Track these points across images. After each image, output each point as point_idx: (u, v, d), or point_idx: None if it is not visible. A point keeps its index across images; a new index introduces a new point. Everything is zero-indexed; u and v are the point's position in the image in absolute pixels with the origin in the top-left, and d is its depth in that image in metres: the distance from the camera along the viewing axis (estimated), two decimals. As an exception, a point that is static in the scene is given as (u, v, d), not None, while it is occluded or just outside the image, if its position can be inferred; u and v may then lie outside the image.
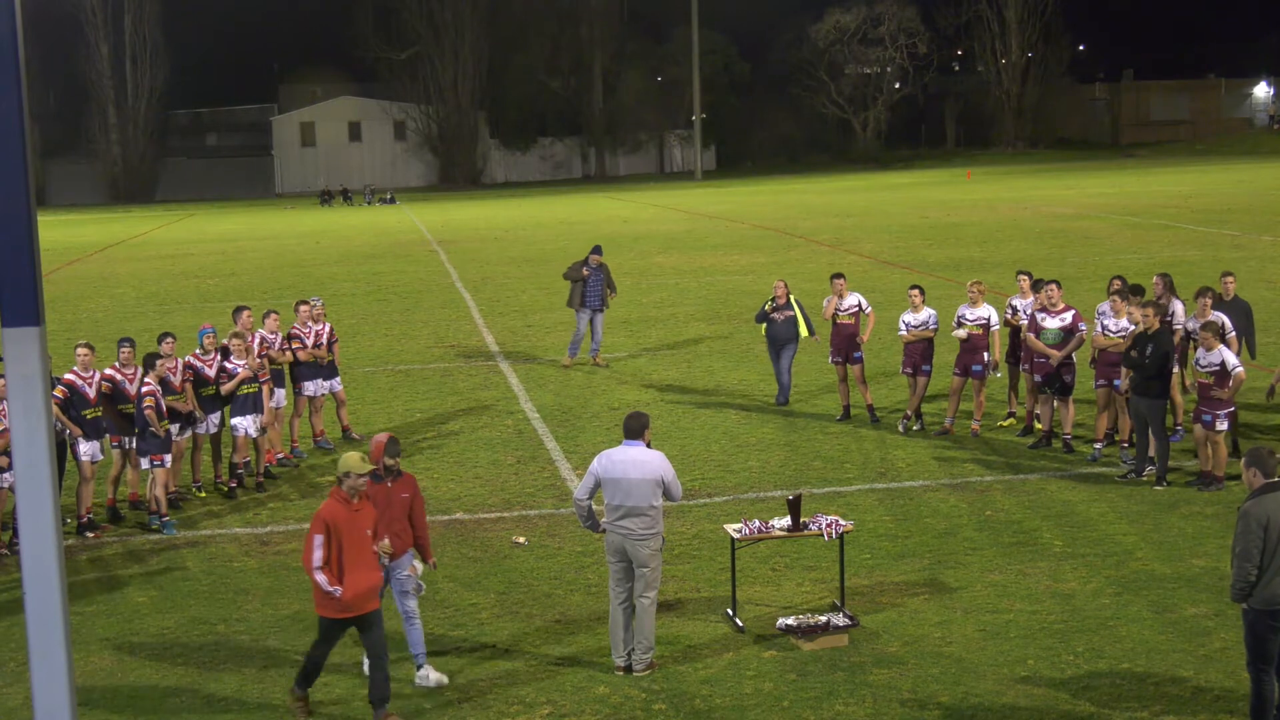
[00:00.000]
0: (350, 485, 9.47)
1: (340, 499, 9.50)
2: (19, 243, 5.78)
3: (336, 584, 9.34)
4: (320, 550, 9.34)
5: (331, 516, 9.41)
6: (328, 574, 9.34)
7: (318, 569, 9.34)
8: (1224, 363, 14.17)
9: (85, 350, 14.67)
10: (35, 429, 5.87)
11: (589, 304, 22.32)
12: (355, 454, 9.68)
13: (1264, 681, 8.74)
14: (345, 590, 9.35)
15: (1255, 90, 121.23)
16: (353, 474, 9.47)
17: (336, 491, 9.53)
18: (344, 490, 9.49)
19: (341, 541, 9.36)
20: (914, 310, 17.24)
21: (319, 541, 9.36)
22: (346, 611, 9.48)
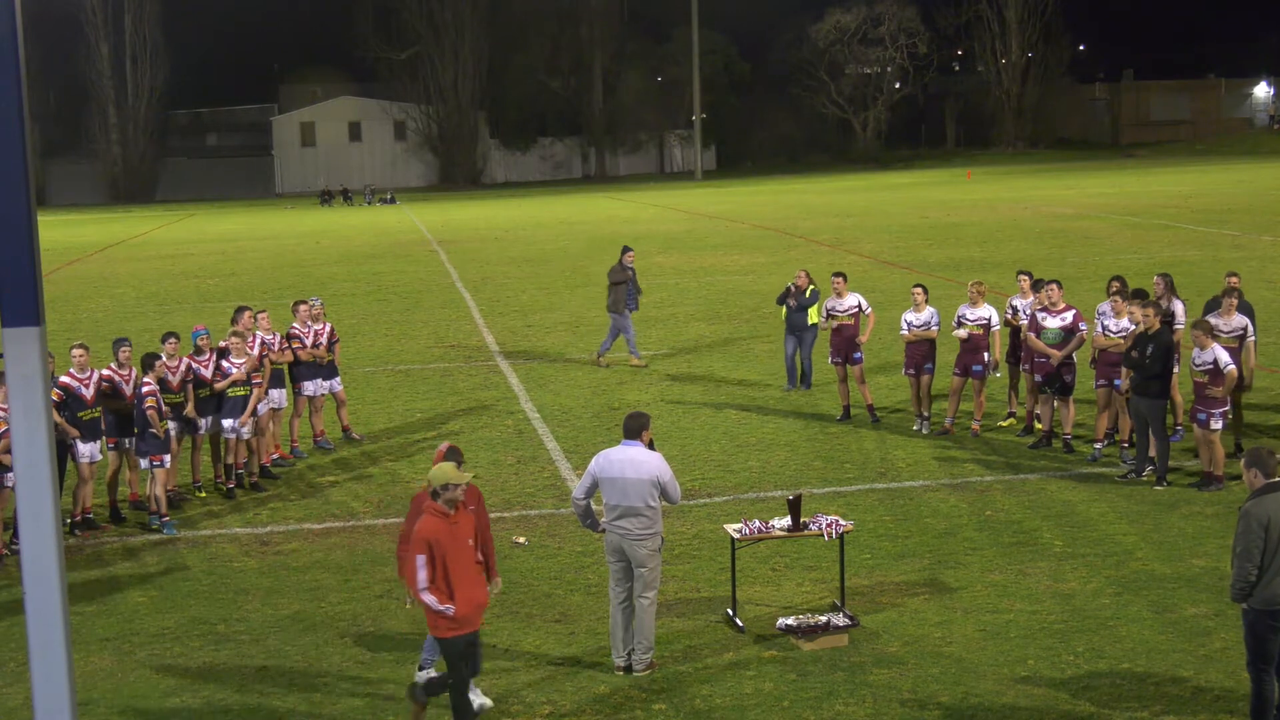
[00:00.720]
0: (449, 498, 9.11)
1: (438, 513, 9.11)
2: (19, 243, 5.78)
3: (448, 601, 8.99)
4: (425, 570, 8.97)
5: (432, 533, 9.02)
6: (437, 593, 8.99)
7: (424, 589, 8.98)
8: (1216, 361, 14.17)
9: (81, 351, 14.65)
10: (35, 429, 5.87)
11: (631, 305, 22.51)
12: (449, 465, 9.32)
13: (1264, 681, 8.74)
14: (457, 606, 9.00)
15: (1255, 90, 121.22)
16: (451, 485, 9.12)
17: (432, 506, 9.15)
18: (441, 504, 9.11)
19: (445, 557, 9.00)
20: (916, 310, 17.23)
21: (422, 561, 8.98)
22: (462, 627, 9.12)
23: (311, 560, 13.23)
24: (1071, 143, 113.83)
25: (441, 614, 9.03)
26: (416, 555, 9.02)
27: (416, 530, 9.13)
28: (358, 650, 10.92)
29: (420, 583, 9.00)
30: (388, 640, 11.11)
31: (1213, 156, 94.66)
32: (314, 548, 13.62)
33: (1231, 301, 15.54)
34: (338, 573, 12.81)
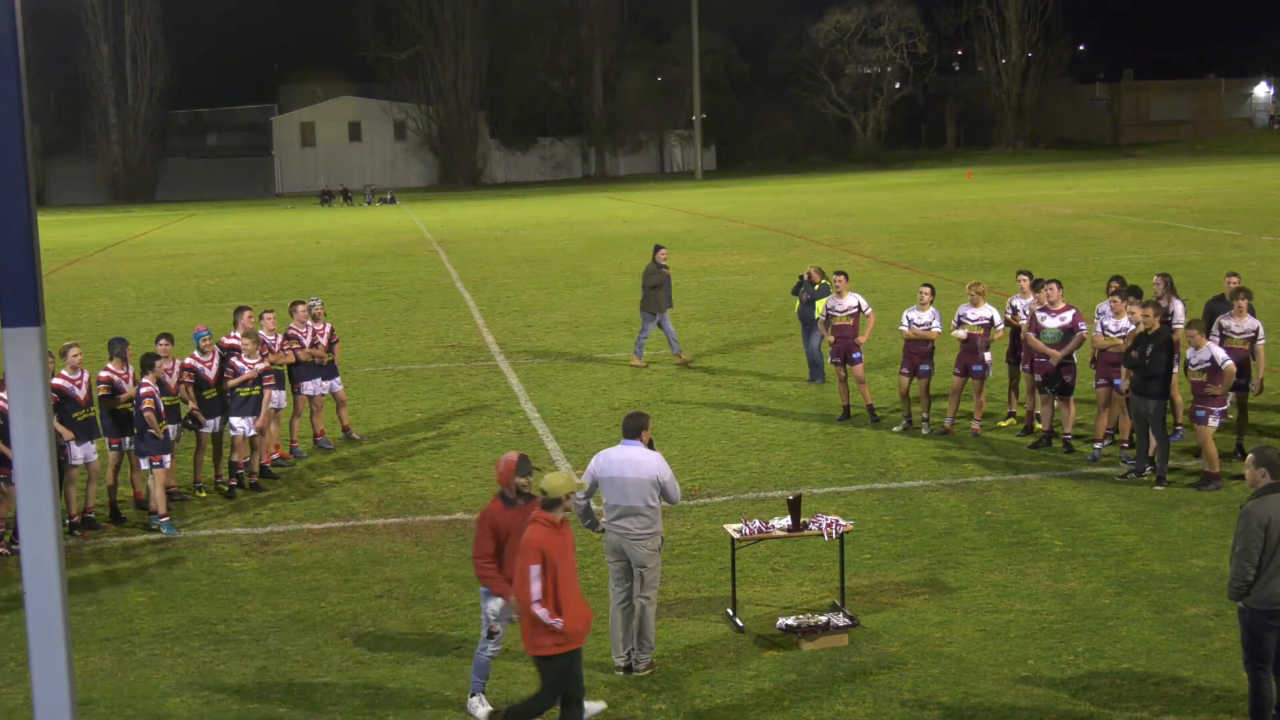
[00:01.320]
0: (565, 508, 8.84)
1: (548, 524, 8.80)
2: (19, 243, 5.78)
3: (557, 616, 8.68)
4: (539, 582, 8.62)
5: (544, 544, 8.69)
6: (547, 606, 8.68)
7: (537, 602, 8.64)
8: (1214, 358, 14.17)
9: (74, 350, 14.63)
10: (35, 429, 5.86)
11: (666, 305, 22.45)
12: (560, 474, 9.02)
13: (1262, 680, 8.74)
14: (566, 620, 8.71)
15: (1255, 90, 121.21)
16: (571, 494, 8.88)
17: (544, 516, 8.81)
18: (553, 515, 8.82)
19: (556, 570, 8.69)
20: (920, 308, 17.21)
21: (536, 572, 8.63)
22: (567, 645, 8.79)
23: (311, 560, 13.22)
24: (1071, 143, 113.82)
25: (550, 629, 8.68)
26: (529, 565, 8.65)
27: (529, 540, 8.72)
28: (358, 650, 10.92)
29: (535, 594, 8.63)
30: (388, 640, 11.11)
31: (1213, 156, 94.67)
32: (314, 548, 13.62)
33: (1243, 304, 15.48)
34: (338, 573, 12.81)
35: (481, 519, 9.53)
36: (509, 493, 9.46)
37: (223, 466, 16.09)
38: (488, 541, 9.41)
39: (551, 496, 8.81)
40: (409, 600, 12.00)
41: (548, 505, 8.85)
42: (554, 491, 8.81)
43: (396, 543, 13.66)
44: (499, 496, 9.50)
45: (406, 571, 12.76)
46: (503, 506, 9.43)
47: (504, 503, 9.44)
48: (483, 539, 9.43)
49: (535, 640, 8.78)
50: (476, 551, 9.49)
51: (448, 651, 10.81)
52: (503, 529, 9.35)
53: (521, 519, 9.17)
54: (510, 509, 9.39)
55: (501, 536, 9.36)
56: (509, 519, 9.35)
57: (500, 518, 9.38)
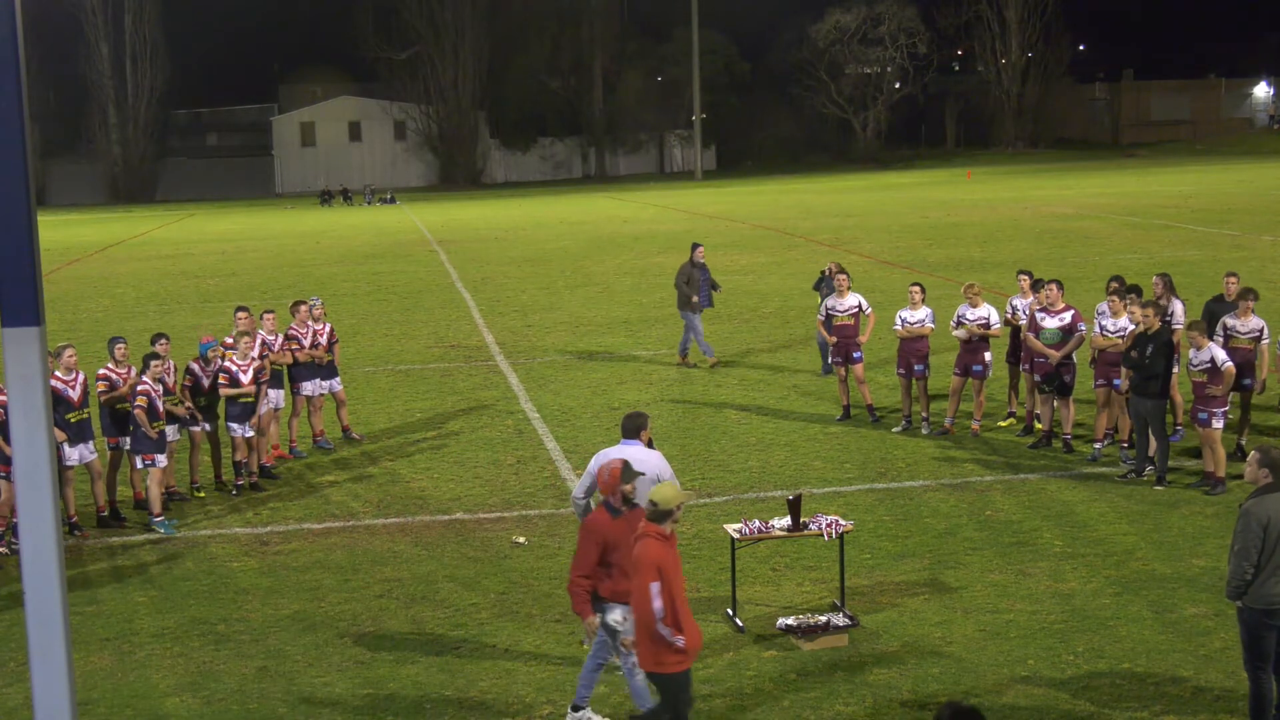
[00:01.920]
0: (673, 520, 8.52)
1: (660, 538, 8.43)
2: (19, 243, 5.78)
3: (679, 633, 8.36)
4: (661, 599, 8.28)
5: (661, 559, 8.34)
6: (669, 624, 8.35)
7: (660, 620, 8.30)
8: (1214, 359, 14.17)
9: (70, 351, 14.62)
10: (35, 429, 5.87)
11: (703, 303, 22.17)
12: (670, 485, 8.74)
13: (1261, 680, 8.75)
14: (687, 638, 8.40)
15: (1255, 90, 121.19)
16: (675, 507, 8.53)
17: (655, 530, 8.45)
18: (664, 528, 8.46)
19: (672, 586, 8.36)
20: (912, 307, 17.24)
21: (657, 590, 8.28)
22: (687, 662, 8.49)
23: (311, 560, 13.23)
24: (1071, 143, 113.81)
25: (673, 646, 8.35)
26: (649, 583, 8.30)
27: (645, 555, 8.36)
28: (358, 650, 10.92)
29: (658, 611, 8.29)
30: (388, 640, 11.11)
31: (1213, 156, 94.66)
32: (314, 548, 13.62)
33: (1249, 304, 15.46)
34: (338, 573, 12.81)
35: (587, 532, 9.09)
36: (615, 502, 9.10)
37: (222, 467, 16.10)
38: (592, 556, 8.97)
39: (662, 508, 8.48)
40: (409, 600, 12.00)
41: (657, 517, 8.50)
42: (664, 503, 8.49)
43: (396, 543, 13.66)
44: (604, 506, 9.13)
45: (406, 571, 12.76)
46: (610, 517, 9.07)
47: (610, 513, 9.09)
48: (587, 553, 9.00)
49: (658, 658, 8.45)
50: (578, 567, 9.05)
51: (448, 651, 10.81)
52: (610, 541, 8.98)
53: (628, 529, 8.86)
54: (617, 519, 9.04)
55: (609, 549, 8.99)
56: (617, 530, 8.98)
57: (609, 529, 9.00)
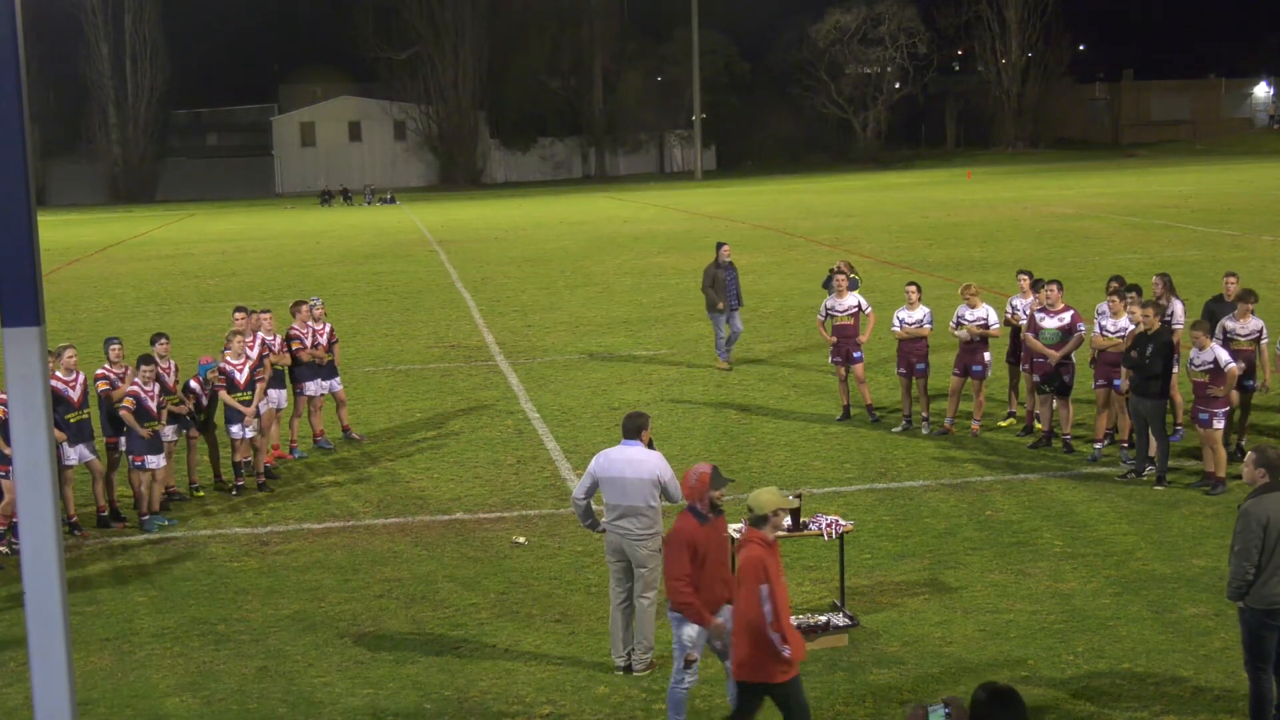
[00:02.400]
0: (774, 525, 8.34)
1: (764, 543, 8.27)
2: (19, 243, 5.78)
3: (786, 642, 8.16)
4: (770, 604, 8.06)
5: (767, 565, 8.16)
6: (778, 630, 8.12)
7: (770, 626, 8.10)
8: (1216, 360, 14.16)
9: (70, 352, 14.62)
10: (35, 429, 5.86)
11: (732, 304, 21.82)
12: (768, 490, 8.50)
13: (1262, 680, 8.74)
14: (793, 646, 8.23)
15: (1255, 90, 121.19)
16: (778, 512, 8.36)
17: (757, 536, 8.28)
18: (765, 533, 8.31)
19: (776, 593, 8.15)
20: (909, 307, 17.25)
21: (766, 594, 8.07)
22: (792, 670, 8.27)
23: (311, 560, 13.23)
24: (1071, 143, 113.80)
25: (780, 656, 8.15)
26: (758, 585, 8.13)
27: (750, 562, 8.19)
28: (358, 650, 10.92)
29: (768, 615, 8.09)
30: (388, 640, 11.11)
31: (1213, 156, 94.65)
32: (314, 548, 13.62)
33: (1248, 307, 15.43)
34: (337, 573, 12.81)
35: (676, 538, 8.83)
36: (702, 507, 8.86)
37: (221, 466, 16.11)
38: (685, 562, 8.75)
39: (759, 513, 8.33)
40: (409, 600, 12.00)
41: (756, 523, 8.32)
42: (761, 508, 8.33)
43: (396, 543, 13.66)
44: (690, 512, 8.88)
45: (406, 571, 12.76)
46: (697, 523, 8.82)
47: (697, 519, 8.84)
48: (679, 559, 8.77)
49: (763, 667, 8.22)
50: (673, 573, 8.81)
51: (448, 651, 10.81)
52: (700, 547, 8.77)
53: (717, 535, 8.72)
54: (704, 525, 8.82)
55: (699, 556, 8.75)
56: (705, 536, 8.78)
57: (697, 535, 8.77)
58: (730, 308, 21.83)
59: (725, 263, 22.02)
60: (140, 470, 14.40)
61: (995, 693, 6.08)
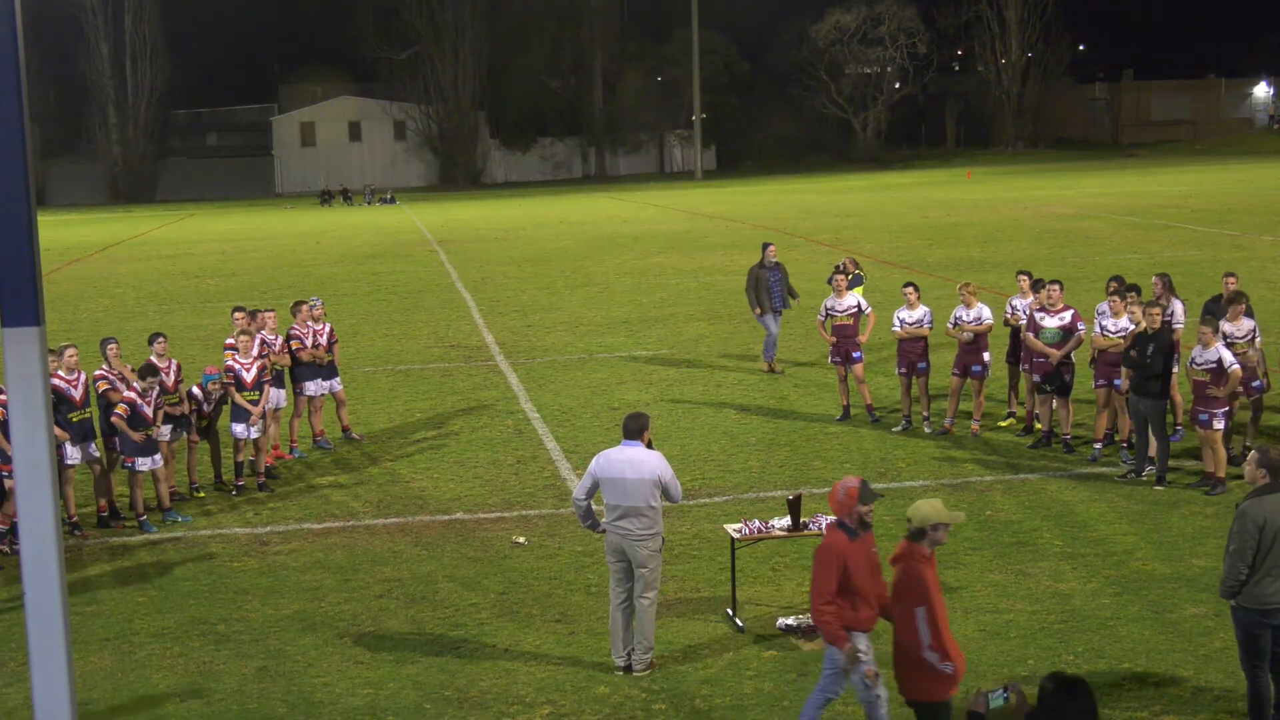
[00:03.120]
0: (933, 540, 7.94)
1: (924, 559, 7.91)
2: (19, 243, 5.78)
3: (948, 660, 7.81)
4: (927, 624, 7.75)
5: (927, 581, 7.81)
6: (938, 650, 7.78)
7: (929, 647, 7.77)
8: (1220, 360, 14.14)
9: (71, 351, 14.63)
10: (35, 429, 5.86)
11: (775, 305, 21.36)
12: (931, 501, 8.11)
13: (1259, 679, 8.75)
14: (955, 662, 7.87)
15: (1255, 90, 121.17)
16: (941, 525, 7.96)
17: (918, 551, 7.94)
18: (925, 548, 7.95)
19: (936, 609, 7.81)
20: (909, 307, 17.25)
21: (924, 615, 7.77)
22: (952, 688, 7.92)
23: (311, 560, 13.23)
24: (1071, 143, 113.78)
25: (942, 674, 7.81)
26: (917, 607, 7.82)
27: (910, 578, 7.89)
28: (358, 650, 10.92)
29: (924, 639, 7.79)
30: (388, 640, 11.11)
31: (1213, 156, 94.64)
32: (313, 548, 13.62)
33: (1240, 307, 15.43)
34: (337, 573, 12.81)
35: (826, 557, 8.35)
36: (851, 522, 8.39)
37: (224, 466, 16.12)
38: (833, 581, 8.31)
39: (920, 525, 7.93)
40: (409, 600, 12.00)
41: (915, 536, 7.96)
42: (922, 520, 7.92)
43: (396, 543, 13.66)
44: (838, 528, 8.44)
45: (406, 571, 12.76)
46: (847, 539, 8.35)
47: (846, 534, 8.36)
48: (828, 579, 8.33)
49: (921, 685, 7.91)
50: (821, 594, 8.36)
51: (448, 651, 10.81)
52: (851, 565, 8.31)
53: (866, 551, 8.37)
54: (854, 541, 8.36)
55: (848, 574, 8.33)
56: (856, 552, 8.34)
57: (848, 552, 8.31)
58: (774, 309, 21.34)
59: (771, 263, 21.50)
60: (131, 472, 14.40)
61: (1063, 683, 6.08)
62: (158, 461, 14.57)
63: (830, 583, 8.30)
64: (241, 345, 15.85)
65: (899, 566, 8.02)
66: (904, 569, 7.95)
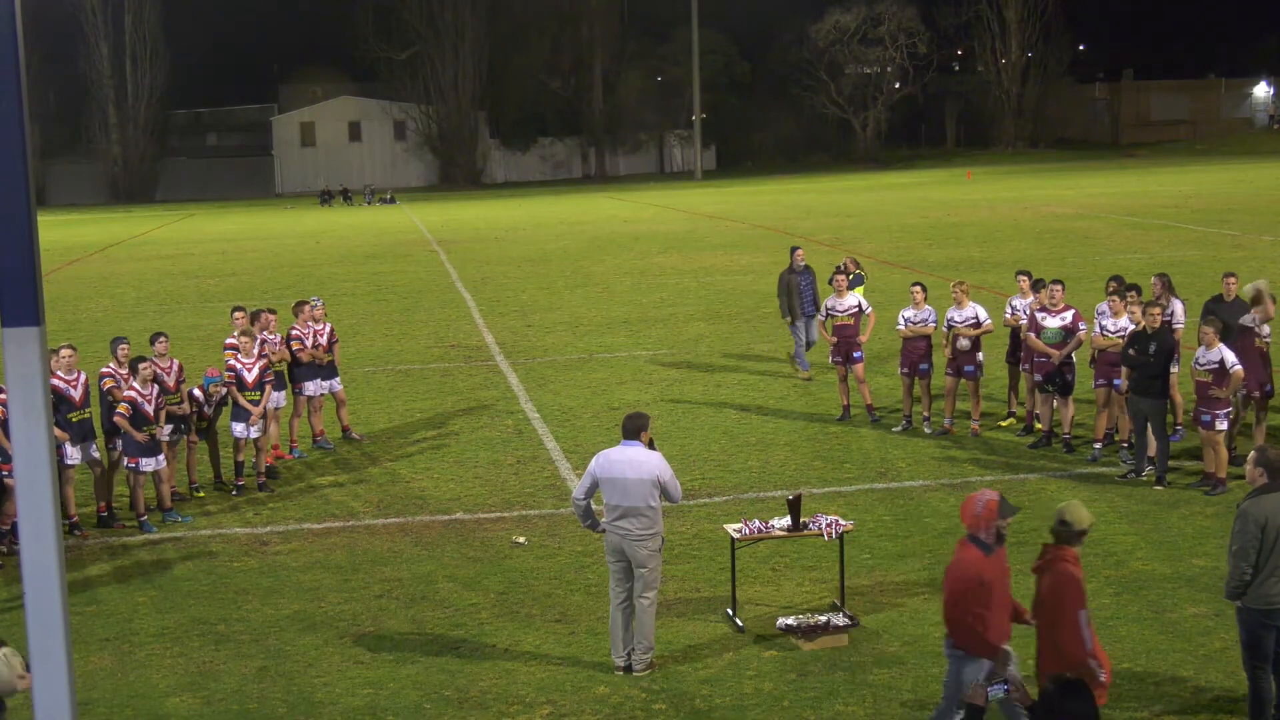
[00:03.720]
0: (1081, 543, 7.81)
1: (1076, 562, 7.73)
2: (19, 243, 5.77)
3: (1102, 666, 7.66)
4: (1089, 629, 7.57)
5: (1082, 586, 7.64)
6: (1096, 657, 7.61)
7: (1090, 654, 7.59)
8: (1223, 361, 14.14)
9: (69, 351, 14.63)
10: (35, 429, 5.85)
11: (806, 310, 20.65)
12: (1080, 503, 8.04)
13: (1261, 680, 8.74)
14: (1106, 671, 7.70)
15: (1255, 90, 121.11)
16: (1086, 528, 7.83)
17: (1066, 553, 7.77)
18: (1077, 550, 7.80)
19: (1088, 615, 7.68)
20: (915, 307, 17.25)
21: (1085, 619, 7.56)
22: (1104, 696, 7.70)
23: (311, 560, 13.23)
24: (1071, 143, 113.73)
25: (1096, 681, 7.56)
26: (1078, 612, 7.64)
27: (1068, 583, 7.69)
28: (358, 650, 10.92)
29: (1087, 644, 7.61)
30: (388, 640, 11.11)
31: (1213, 156, 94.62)
32: (313, 548, 13.63)
33: (1269, 304, 15.36)
34: (337, 573, 12.81)
35: (964, 574, 7.98)
36: (988, 537, 8.01)
37: (224, 466, 16.12)
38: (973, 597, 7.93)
39: (1076, 528, 7.79)
40: (409, 600, 12.00)
41: (1070, 539, 7.79)
42: (1080, 523, 7.79)
43: (396, 543, 13.66)
44: (973, 543, 8.05)
45: (406, 571, 12.76)
46: (982, 554, 7.98)
47: (981, 549, 8.00)
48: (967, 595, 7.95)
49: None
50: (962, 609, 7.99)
51: (447, 651, 10.81)
52: (988, 580, 7.93)
53: (1001, 566, 8.02)
54: (990, 556, 8.00)
55: (987, 590, 7.93)
56: (992, 567, 7.97)
57: (984, 568, 7.93)
58: (806, 314, 20.62)
59: (800, 267, 20.76)
60: (134, 472, 14.39)
61: (1064, 685, 6.17)
62: (161, 462, 14.58)
63: (969, 600, 7.93)
64: (243, 345, 15.86)
65: (1050, 572, 7.77)
66: (1058, 574, 7.72)
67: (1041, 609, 7.91)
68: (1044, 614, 7.85)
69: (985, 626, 7.91)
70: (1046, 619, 7.80)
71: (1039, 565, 7.92)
